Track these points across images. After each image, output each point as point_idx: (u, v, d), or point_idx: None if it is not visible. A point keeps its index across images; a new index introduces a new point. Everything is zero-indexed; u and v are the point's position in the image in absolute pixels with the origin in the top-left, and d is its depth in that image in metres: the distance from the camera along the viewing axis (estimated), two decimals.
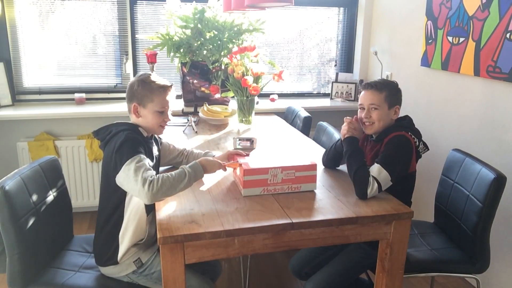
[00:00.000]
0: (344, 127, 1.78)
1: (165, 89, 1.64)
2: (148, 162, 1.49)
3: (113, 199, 1.57)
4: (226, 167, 1.67)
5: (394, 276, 1.60)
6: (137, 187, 1.40)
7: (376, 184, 1.59)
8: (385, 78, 3.29)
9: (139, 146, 1.51)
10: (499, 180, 1.68)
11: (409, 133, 1.73)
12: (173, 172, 1.48)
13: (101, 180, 1.63)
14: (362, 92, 1.82)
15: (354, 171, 1.64)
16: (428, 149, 1.81)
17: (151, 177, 1.42)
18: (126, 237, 1.57)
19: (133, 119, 1.66)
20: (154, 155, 1.68)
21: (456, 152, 2.00)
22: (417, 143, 1.75)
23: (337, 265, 1.79)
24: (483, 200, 1.71)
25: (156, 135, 1.76)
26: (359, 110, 1.83)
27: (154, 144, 1.72)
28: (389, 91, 1.78)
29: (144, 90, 1.61)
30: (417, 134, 1.78)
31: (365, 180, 1.59)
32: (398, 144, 1.68)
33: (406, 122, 1.82)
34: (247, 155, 1.79)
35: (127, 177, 1.43)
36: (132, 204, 1.57)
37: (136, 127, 1.62)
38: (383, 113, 1.76)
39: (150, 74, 1.66)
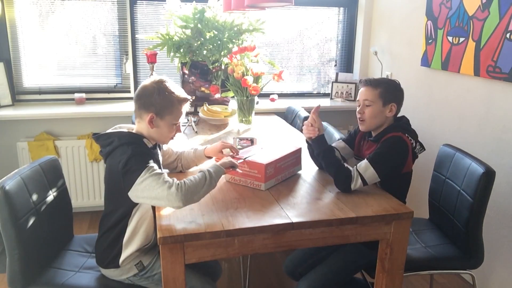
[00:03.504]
0: (304, 131, 1.79)
1: (185, 101, 1.59)
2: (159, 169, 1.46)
3: (119, 211, 1.54)
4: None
5: (394, 276, 1.61)
6: (164, 192, 1.37)
7: (360, 180, 1.63)
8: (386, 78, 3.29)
9: (147, 157, 1.47)
10: (488, 175, 1.68)
11: (406, 135, 1.73)
12: (192, 176, 1.46)
13: (105, 191, 1.60)
14: (361, 89, 1.84)
15: (335, 171, 1.67)
16: (424, 149, 1.81)
17: (174, 180, 1.40)
18: (131, 245, 1.56)
19: (142, 128, 1.57)
20: (161, 165, 1.65)
21: (447, 147, 2.00)
22: (414, 144, 1.75)
23: (331, 264, 1.78)
24: (473, 195, 1.71)
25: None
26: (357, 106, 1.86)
27: (158, 151, 1.68)
28: (385, 88, 1.78)
29: (165, 101, 1.53)
30: (414, 135, 1.77)
31: (347, 176, 1.64)
32: (392, 145, 1.69)
33: (403, 123, 1.81)
34: (237, 153, 1.80)
35: (147, 188, 1.39)
36: (139, 213, 1.54)
37: (140, 138, 1.55)
38: (376, 110, 1.77)
39: (166, 81, 1.57)
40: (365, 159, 1.66)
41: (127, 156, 1.44)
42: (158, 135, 1.58)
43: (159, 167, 1.59)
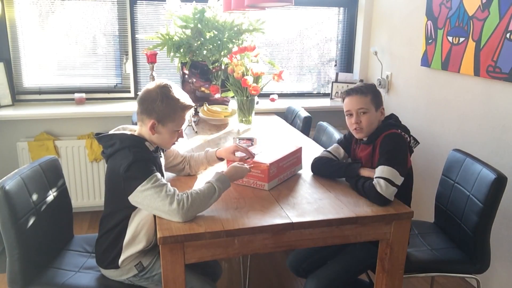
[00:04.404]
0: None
1: (188, 109, 1.56)
2: (162, 178, 1.45)
3: (119, 212, 1.53)
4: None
5: (394, 276, 1.61)
6: (165, 207, 1.38)
7: (382, 181, 1.55)
8: (384, 78, 3.29)
9: (150, 164, 1.45)
10: (500, 180, 1.68)
11: (399, 130, 1.72)
12: (201, 188, 1.45)
13: (106, 192, 1.59)
14: (346, 99, 1.78)
15: (359, 187, 1.62)
16: (419, 143, 1.79)
17: (178, 195, 1.40)
18: (132, 247, 1.56)
19: (143, 131, 1.56)
20: (162, 169, 1.64)
21: (457, 152, 2.00)
22: (408, 138, 1.74)
23: (341, 262, 1.79)
24: (483, 200, 1.71)
25: None
26: (346, 117, 1.80)
27: (160, 154, 1.66)
28: (373, 94, 1.76)
29: (168, 109, 1.51)
30: (406, 130, 1.77)
31: (370, 187, 1.57)
32: (393, 141, 1.67)
33: (393, 121, 1.80)
34: (253, 156, 1.77)
35: (148, 198, 1.40)
36: (139, 215, 1.53)
37: (142, 141, 1.54)
38: (372, 117, 1.74)
39: (171, 86, 1.53)
40: (379, 165, 1.62)
41: (128, 161, 1.43)
42: (159, 140, 1.57)
43: (161, 171, 1.58)
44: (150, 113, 1.51)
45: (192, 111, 1.61)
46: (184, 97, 1.57)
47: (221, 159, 1.86)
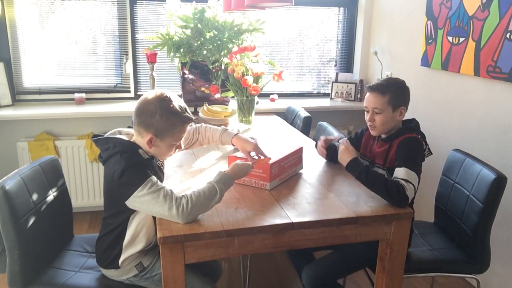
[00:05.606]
0: (343, 151, 1.72)
1: (188, 122, 1.52)
2: (158, 181, 1.43)
3: (118, 215, 1.53)
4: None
5: (394, 276, 1.61)
6: (165, 212, 1.36)
7: (411, 185, 1.53)
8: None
9: (144, 169, 1.42)
10: (500, 180, 1.68)
11: (419, 136, 1.72)
12: (201, 189, 1.42)
13: (104, 195, 1.58)
14: (367, 94, 1.78)
15: (385, 186, 1.53)
16: (431, 153, 1.78)
17: (176, 199, 1.38)
18: (132, 248, 1.55)
19: (139, 141, 1.51)
20: (158, 171, 1.61)
21: (457, 152, 2.00)
22: (424, 146, 1.73)
23: (340, 253, 1.78)
24: (483, 200, 1.71)
25: None
26: (365, 112, 1.81)
27: (155, 161, 1.62)
28: (393, 93, 1.72)
29: (167, 124, 1.45)
30: (423, 137, 1.76)
31: (399, 187, 1.52)
32: (413, 145, 1.67)
33: (414, 125, 1.80)
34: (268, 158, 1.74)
35: (146, 203, 1.38)
36: (138, 217, 1.53)
37: (135, 149, 1.49)
38: (386, 117, 1.73)
39: (171, 99, 1.47)
40: (397, 168, 1.60)
41: (121, 167, 1.40)
42: (156, 153, 1.54)
43: (157, 174, 1.56)
44: (148, 127, 1.46)
45: (191, 122, 1.57)
46: (184, 110, 1.51)
47: (233, 145, 1.83)
